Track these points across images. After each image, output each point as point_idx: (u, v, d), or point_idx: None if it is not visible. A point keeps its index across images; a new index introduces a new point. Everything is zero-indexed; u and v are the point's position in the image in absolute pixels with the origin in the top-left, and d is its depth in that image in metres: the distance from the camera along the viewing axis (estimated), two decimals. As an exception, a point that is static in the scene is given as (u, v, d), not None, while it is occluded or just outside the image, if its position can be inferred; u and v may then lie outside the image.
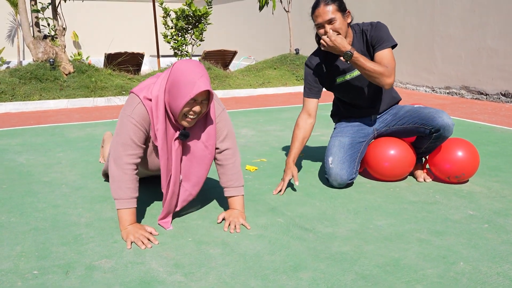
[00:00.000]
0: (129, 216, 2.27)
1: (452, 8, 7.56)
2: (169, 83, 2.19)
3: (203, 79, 2.14)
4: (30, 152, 3.98)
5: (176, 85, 2.16)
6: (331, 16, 2.74)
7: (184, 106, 2.17)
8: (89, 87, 7.02)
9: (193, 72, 2.15)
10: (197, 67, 2.18)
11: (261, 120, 5.50)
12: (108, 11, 16.24)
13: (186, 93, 2.13)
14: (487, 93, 7.17)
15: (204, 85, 2.13)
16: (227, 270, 1.96)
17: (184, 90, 2.13)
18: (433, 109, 2.94)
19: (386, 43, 2.83)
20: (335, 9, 2.75)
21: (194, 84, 2.12)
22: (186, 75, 2.14)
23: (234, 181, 2.47)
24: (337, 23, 2.76)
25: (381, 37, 2.85)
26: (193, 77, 2.13)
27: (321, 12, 2.76)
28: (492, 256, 2.08)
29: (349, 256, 2.08)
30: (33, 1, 7.23)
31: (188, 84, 2.13)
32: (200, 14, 8.83)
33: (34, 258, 2.06)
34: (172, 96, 2.18)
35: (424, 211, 2.60)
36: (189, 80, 2.13)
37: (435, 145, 3.01)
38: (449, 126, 2.88)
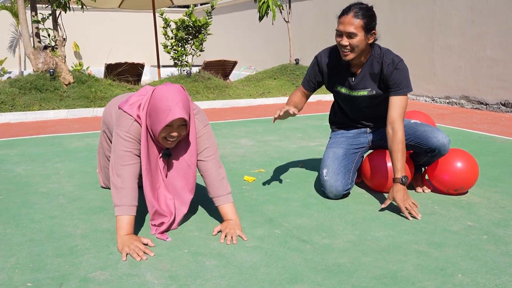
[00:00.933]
0: (127, 225, 2.26)
1: (452, 18, 7.58)
2: (149, 107, 2.30)
3: (179, 105, 2.22)
4: (28, 163, 3.97)
5: (154, 110, 2.26)
6: (353, 30, 2.66)
7: (161, 132, 2.27)
8: (89, 97, 7.02)
9: (170, 99, 2.23)
10: (175, 93, 2.26)
11: (261, 130, 5.50)
12: (109, 22, 16.31)
13: (162, 120, 2.23)
14: (487, 103, 7.16)
15: (178, 113, 2.21)
16: (222, 282, 1.94)
17: (160, 117, 2.24)
18: (429, 127, 2.92)
19: (404, 90, 2.79)
20: (361, 26, 2.67)
21: (170, 111, 2.21)
22: (163, 102, 2.23)
23: (220, 189, 2.49)
24: (355, 40, 2.69)
25: (400, 81, 2.79)
26: (170, 104, 2.22)
27: (347, 21, 2.68)
28: (491, 268, 2.06)
29: (346, 268, 2.06)
30: (34, 11, 7.26)
31: (164, 111, 2.22)
32: (200, 24, 8.86)
33: (28, 270, 2.04)
34: (152, 121, 2.29)
35: (423, 222, 2.58)
36: (166, 107, 2.22)
37: (432, 160, 3.00)
38: (445, 146, 2.86)
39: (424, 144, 2.89)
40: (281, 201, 2.96)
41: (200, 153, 2.49)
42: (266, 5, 8.80)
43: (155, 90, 2.31)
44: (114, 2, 11.98)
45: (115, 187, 2.30)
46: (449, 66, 7.74)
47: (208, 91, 8.13)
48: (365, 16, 2.67)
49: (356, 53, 2.74)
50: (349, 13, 2.67)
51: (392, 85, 2.80)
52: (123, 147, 2.32)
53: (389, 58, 2.81)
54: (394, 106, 2.78)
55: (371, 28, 2.71)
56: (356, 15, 2.66)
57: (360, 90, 2.92)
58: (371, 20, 2.70)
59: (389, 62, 2.80)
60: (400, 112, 2.77)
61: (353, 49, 2.72)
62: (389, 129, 2.75)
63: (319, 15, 10.82)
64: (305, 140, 4.88)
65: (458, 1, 7.45)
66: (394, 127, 2.73)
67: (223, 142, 4.80)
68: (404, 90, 2.79)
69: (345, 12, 2.70)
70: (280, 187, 3.26)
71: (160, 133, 2.28)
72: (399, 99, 2.79)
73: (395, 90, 2.79)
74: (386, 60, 2.81)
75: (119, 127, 2.34)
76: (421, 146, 2.91)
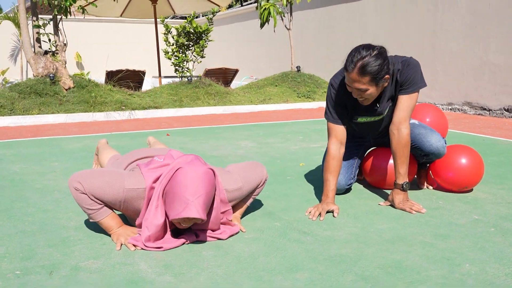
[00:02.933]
0: (113, 221, 2.15)
1: (453, 23, 7.54)
2: (168, 186, 2.03)
3: (200, 200, 1.96)
4: (24, 162, 3.91)
5: (171, 195, 2.00)
6: (363, 87, 2.45)
7: (173, 219, 2.01)
8: (89, 102, 6.97)
9: (191, 190, 1.96)
10: (200, 183, 1.99)
11: (262, 134, 5.43)
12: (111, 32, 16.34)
13: (176, 211, 1.97)
14: (490, 109, 7.09)
15: (195, 212, 1.94)
16: (219, 271, 1.86)
17: (175, 206, 1.98)
18: (423, 130, 2.80)
19: (414, 87, 2.59)
20: (368, 81, 2.43)
21: (186, 206, 1.94)
22: (183, 190, 1.97)
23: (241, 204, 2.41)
24: (368, 92, 2.48)
25: (412, 78, 2.58)
26: (188, 197, 1.95)
27: (353, 79, 2.44)
28: (499, 258, 1.97)
29: (348, 258, 1.97)
30: (35, 17, 7.24)
31: (181, 203, 1.96)
32: (201, 30, 8.84)
33: (17, 259, 1.97)
34: (167, 203, 2.04)
35: (428, 216, 2.50)
36: (184, 199, 1.95)
37: (431, 161, 2.92)
38: (438, 150, 2.77)
39: (418, 148, 2.80)
40: (281, 197, 2.89)
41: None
42: (267, 12, 8.79)
43: (180, 170, 2.02)
44: (116, 11, 12.00)
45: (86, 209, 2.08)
46: (451, 72, 7.68)
47: (209, 97, 8.08)
48: (371, 70, 2.40)
49: (373, 98, 2.55)
50: (353, 71, 2.41)
51: (405, 83, 2.60)
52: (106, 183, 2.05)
53: (398, 63, 2.59)
54: (402, 107, 2.61)
55: (382, 76, 2.45)
56: (360, 71, 2.39)
57: (384, 111, 2.73)
58: (380, 70, 2.41)
59: (400, 67, 2.59)
60: (408, 113, 2.61)
61: (368, 98, 2.54)
62: (394, 130, 2.60)
63: (320, 24, 10.81)
64: (306, 142, 4.81)
65: (459, 6, 7.42)
66: (400, 129, 2.58)
67: (223, 144, 4.73)
68: (415, 88, 2.60)
69: (349, 68, 2.42)
70: (280, 184, 3.18)
71: (172, 219, 2.02)
72: (409, 98, 2.60)
73: (406, 88, 2.60)
74: (397, 67, 2.59)
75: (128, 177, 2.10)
76: (415, 149, 2.82)
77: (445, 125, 3.31)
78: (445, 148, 2.81)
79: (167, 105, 7.56)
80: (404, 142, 2.59)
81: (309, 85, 9.18)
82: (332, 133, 2.71)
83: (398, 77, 2.60)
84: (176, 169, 2.04)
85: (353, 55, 2.43)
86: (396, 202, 2.61)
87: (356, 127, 2.90)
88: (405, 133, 2.59)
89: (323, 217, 2.47)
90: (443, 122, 3.30)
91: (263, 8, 8.94)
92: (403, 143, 2.59)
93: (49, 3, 6.88)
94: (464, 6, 7.34)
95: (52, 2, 6.87)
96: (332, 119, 2.71)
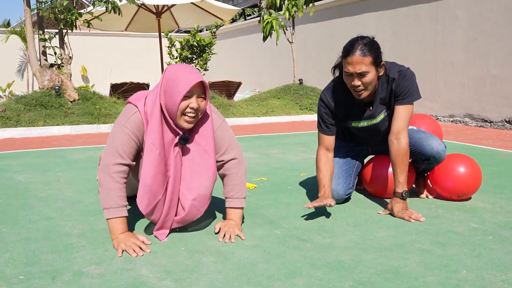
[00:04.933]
0: (120, 225, 2.21)
1: (454, 36, 7.61)
2: (164, 85, 2.22)
3: (195, 73, 2.20)
4: (29, 172, 3.96)
5: (171, 83, 2.19)
6: (364, 69, 2.49)
7: (180, 102, 2.15)
8: (93, 114, 7.05)
9: (185, 70, 2.20)
10: (188, 66, 2.25)
11: (264, 145, 5.47)
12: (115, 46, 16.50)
13: (181, 89, 2.15)
14: (491, 121, 7.12)
15: (197, 78, 2.17)
16: (219, 276, 1.89)
17: (178, 87, 2.16)
18: (423, 134, 2.84)
19: (410, 98, 2.64)
20: (370, 62, 2.49)
21: (188, 78, 2.15)
22: (179, 73, 2.19)
23: (236, 191, 2.42)
24: (368, 78, 2.52)
25: (408, 89, 2.63)
26: (186, 74, 2.18)
27: (355, 61, 2.48)
28: (496, 264, 2.00)
29: (347, 265, 2.00)
30: (41, 30, 7.35)
31: (182, 80, 2.16)
32: (205, 44, 8.94)
33: (21, 265, 2.00)
34: (168, 96, 2.19)
35: (426, 224, 2.53)
36: (183, 77, 2.17)
37: (431, 167, 2.95)
38: (439, 153, 2.80)
39: (418, 152, 2.83)
40: (281, 205, 2.92)
41: (222, 153, 2.39)
42: (269, 26, 8.88)
43: (167, 68, 2.26)
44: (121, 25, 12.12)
45: (102, 187, 2.19)
46: (452, 84, 7.73)
47: (212, 110, 8.14)
48: (372, 50, 2.50)
49: (369, 90, 2.59)
50: (355, 52, 2.48)
51: (400, 93, 2.65)
52: (116, 141, 2.20)
53: (395, 72, 2.65)
54: (399, 117, 2.65)
55: (380, 61, 2.55)
56: (363, 52, 2.47)
57: (377, 115, 2.78)
58: (378, 53, 2.53)
59: (397, 76, 2.64)
60: (406, 123, 2.66)
61: (366, 87, 2.57)
62: (393, 139, 2.64)
63: (322, 37, 10.90)
64: (308, 153, 4.84)
65: (460, 20, 7.49)
66: (399, 138, 2.62)
67: (225, 155, 4.76)
68: (411, 99, 2.65)
69: (350, 51, 2.50)
70: (281, 193, 3.21)
71: (179, 107, 2.15)
72: (406, 109, 2.66)
73: (402, 98, 2.66)
74: (393, 76, 2.65)
75: (119, 119, 2.26)
76: (416, 153, 2.85)
77: (439, 134, 3.36)
78: (445, 152, 2.84)
79: (171, 117, 7.61)
80: (404, 151, 2.62)
81: (311, 97, 9.24)
82: (320, 141, 2.84)
83: (393, 86, 2.66)
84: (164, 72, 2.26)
85: (351, 42, 2.54)
86: (395, 211, 2.64)
87: (351, 133, 2.96)
88: (404, 142, 2.62)
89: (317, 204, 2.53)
90: (437, 131, 3.35)
91: (265, 21, 9.04)
92: (402, 152, 2.62)
93: (55, 17, 6.99)
94: (465, 20, 7.41)
95: (58, 16, 6.98)
96: (322, 130, 2.83)
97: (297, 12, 9.10)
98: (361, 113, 2.78)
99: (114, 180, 2.18)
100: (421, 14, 8.19)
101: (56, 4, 6.88)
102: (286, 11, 9.06)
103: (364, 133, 2.92)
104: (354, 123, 2.84)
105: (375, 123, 2.81)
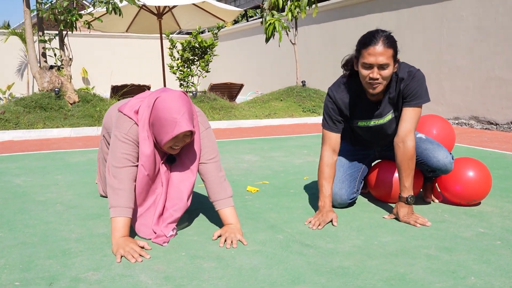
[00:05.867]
0: (123, 227, 2.18)
1: (459, 38, 7.55)
2: (152, 117, 2.23)
3: (185, 116, 2.16)
4: (28, 175, 3.91)
5: (158, 121, 2.19)
6: (386, 61, 2.42)
7: (166, 142, 2.21)
8: (94, 116, 7.00)
9: (175, 110, 2.16)
10: (179, 103, 2.18)
11: (266, 148, 5.41)
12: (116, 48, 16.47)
13: (168, 132, 2.17)
14: (497, 123, 7.06)
15: (185, 125, 2.15)
16: (220, 283, 1.84)
17: (166, 128, 2.17)
18: (430, 145, 2.75)
19: (419, 100, 2.58)
20: (391, 55, 2.43)
21: (176, 124, 2.14)
22: (168, 113, 2.16)
23: (220, 193, 2.40)
24: (387, 71, 2.45)
25: (416, 91, 2.57)
26: (175, 116, 2.15)
27: (378, 52, 2.41)
28: (506, 271, 1.94)
29: (351, 271, 1.94)
30: (41, 31, 7.30)
31: (170, 123, 2.15)
32: (206, 45, 8.89)
33: (17, 271, 1.95)
34: (156, 131, 2.23)
35: (432, 229, 2.47)
36: (171, 119, 2.15)
37: (438, 176, 2.89)
38: (446, 166, 2.72)
39: (424, 163, 2.76)
40: (284, 210, 2.86)
41: (201, 156, 2.41)
42: (272, 27, 8.83)
43: (158, 99, 2.21)
44: (122, 26, 12.09)
45: (111, 188, 2.23)
46: (458, 87, 7.67)
47: (214, 112, 8.09)
48: (393, 44, 2.45)
49: (385, 84, 2.52)
50: (378, 43, 2.41)
51: (408, 95, 2.59)
52: (121, 149, 2.25)
53: (405, 72, 2.59)
54: (406, 119, 2.59)
55: (396, 56, 2.51)
56: (385, 44, 2.41)
57: (385, 115, 2.72)
58: (397, 48, 2.49)
59: (406, 76, 2.58)
60: (413, 125, 2.59)
61: (383, 81, 2.49)
62: (400, 143, 2.57)
63: (325, 39, 10.84)
64: (311, 156, 4.78)
65: (465, 22, 7.43)
66: (406, 141, 2.55)
67: (227, 158, 4.71)
68: (419, 101, 2.59)
69: (373, 42, 2.43)
70: (283, 197, 3.16)
71: (165, 143, 2.22)
72: (413, 111, 2.59)
73: (409, 100, 2.59)
74: (402, 76, 2.59)
75: (118, 129, 2.29)
76: (422, 164, 2.78)
77: (452, 136, 3.26)
78: (452, 164, 2.76)
79: (172, 119, 7.56)
80: (410, 155, 2.56)
81: (314, 99, 9.19)
82: (326, 140, 2.74)
83: (402, 86, 2.59)
84: (154, 100, 2.21)
85: (372, 33, 2.47)
86: (401, 215, 2.58)
87: (358, 132, 2.89)
88: (410, 146, 2.56)
89: (322, 226, 2.49)
90: (450, 134, 3.25)
91: (268, 23, 8.99)
92: (408, 156, 2.56)
93: (55, 18, 6.94)
94: (470, 22, 7.35)
95: (58, 17, 6.93)
96: (328, 127, 2.73)
97: (300, 13, 9.04)
98: (369, 111, 2.71)
99: (123, 183, 2.23)
100: (425, 15, 8.13)
101: (56, 5, 6.83)
102: (288, 12, 9.00)
103: (371, 134, 2.85)
104: (360, 122, 2.77)
105: (382, 123, 2.74)
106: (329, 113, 2.72)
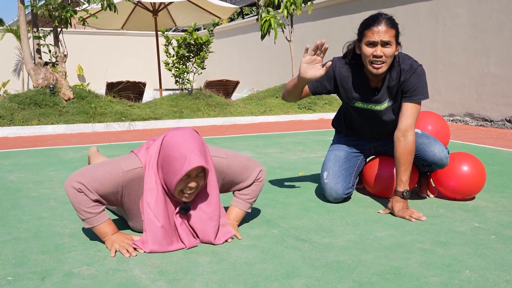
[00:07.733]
0: (108, 228, 2.11)
1: (454, 35, 7.55)
2: (161, 158, 2.03)
3: (196, 151, 1.96)
4: (21, 171, 3.88)
5: (167, 161, 1.99)
6: (389, 39, 2.48)
7: (177, 184, 1.98)
8: (89, 113, 6.97)
9: (184, 145, 1.96)
10: (189, 138, 1.99)
11: (261, 144, 5.41)
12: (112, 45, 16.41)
13: (178, 170, 1.95)
14: (492, 120, 7.07)
15: (196, 161, 1.93)
16: (214, 277, 1.83)
17: (175, 167, 1.95)
18: (427, 139, 2.76)
19: (419, 96, 2.61)
20: (394, 35, 2.51)
21: (185, 160, 1.93)
22: (177, 149, 1.96)
23: (249, 195, 2.36)
24: (390, 50, 2.50)
25: (417, 86, 2.61)
26: (184, 151, 1.94)
27: (382, 30, 2.47)
28: (500, 264, 1.94)
29: (346, 265, 1.94)
30: (35, 28, 7.26)
31: (179, 160, 1.94)
32: (202, 42, 8.86)
33: (10, 265, 1.93)
34: (165, 173, 2.01)
35: (428, 223, 2.47)
36: (180, 155, 1.94)
37: (433, 170, 2.89)
38: (442, 160, 2.73)
39: (420, 158, 2.76)
40: (279, 205, 2.85)
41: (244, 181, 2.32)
42: (268, 24, 8.81)
43: (166, 137, 2.03)
44: (117, 23, 12.06)
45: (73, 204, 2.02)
46: (453, 84, 7.68)
47: (209, 109, 8.08)
48: (395, 25, 2.52)
49: (387, 65, 2.54)
50: (381, 22, 2.49)
51: (408, 90, 2.61)
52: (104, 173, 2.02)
53: (407, 64, 2.63)
54: (407, 114, 2.60)
55: (398, 38, 2.56)
56: (388, 23, 2.49)
57: (382, 102, 2.73)
58: (398, 30, 2.55)
59: (407, 68, 2.61)
60: (414, 121, 2.60)
61: (386, 60, 2.52)
62: (400, 136, 2.57)
63: (321, 36, 10.84)
64: (306, 152, 4.78)
65: (460, 19, 7.43)
66: (407, 136, 2.56)
67: (222, 154, 4.70)
68: (419, 97, 2.61)
69: (376, 21, 2.49)
70: (279, 192, 3.15)
71: (176, 186, 1.99)
72: (414, 107, 2.61)
73: (410, 96, 2.61)
74: (404, 67, 2.62)
75: (122, 161, 2.08)
76: (418, 159, 2.78)
77: (447, 133, 3.27)
78: (448, 159, 2.77)
79: (167, 116, 7.55)
80: (410, 149, 2.57)
81: (309, 96, 9.18)
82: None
83: (402, 78, 2.61)
84: (162, 138, 2.05)
85: (375, 15, 2.55)
86: (396, 210, 2.58)
87: (353, 117, 2.90)
88: (411, 140, 2.57)
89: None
90: (444, 130, 3.26)
91: (263, 20, 8.96)
92: (408, 150, 2.56)
93: (50, 14, 6.91)
94: (465, 19, 7.36)
95: (53, 13, 6.90)
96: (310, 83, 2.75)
97: (295, 10, 9.03)
98: (367, 95, 2.73)
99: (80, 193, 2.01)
100: (420, 12, 8.14)
101: (51, 1, 6.79)
102: (284, 9, 8.98)
103: (366, 119, 2.85)
104: (358, 104, 2.78)
105: (379, 109, 2.75)
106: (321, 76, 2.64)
